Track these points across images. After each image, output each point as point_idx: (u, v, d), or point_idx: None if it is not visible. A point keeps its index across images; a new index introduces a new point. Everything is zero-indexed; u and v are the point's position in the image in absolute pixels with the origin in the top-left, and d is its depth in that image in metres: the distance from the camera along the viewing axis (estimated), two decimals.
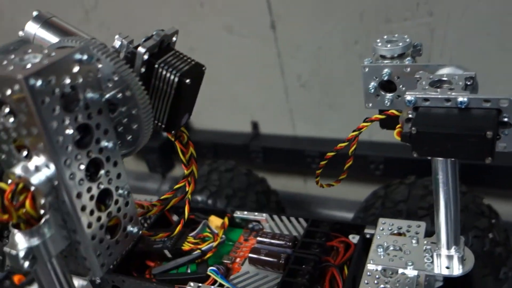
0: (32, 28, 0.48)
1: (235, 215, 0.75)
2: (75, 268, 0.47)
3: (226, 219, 0.73)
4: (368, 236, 0.67)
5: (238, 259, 0.69)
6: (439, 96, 0.47)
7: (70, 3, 1.45)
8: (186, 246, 0.69)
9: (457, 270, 0.57)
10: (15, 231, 0.41)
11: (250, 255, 0.65)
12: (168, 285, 0.64)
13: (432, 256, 0.58)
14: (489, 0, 0.96)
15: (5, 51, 0.45)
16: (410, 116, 0.49)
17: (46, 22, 0.48)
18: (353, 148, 0.59)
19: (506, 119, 0.45)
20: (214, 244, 0.68)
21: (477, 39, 1.01)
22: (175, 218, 0.78)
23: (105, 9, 1.44)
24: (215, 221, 0.74)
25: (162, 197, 0.58)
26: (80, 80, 0.39)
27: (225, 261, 0.68)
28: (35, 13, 0.49)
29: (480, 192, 0.99)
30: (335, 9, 1.12)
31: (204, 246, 0.68)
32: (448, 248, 0.57)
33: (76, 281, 0.66)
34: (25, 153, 0.41)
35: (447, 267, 0.57)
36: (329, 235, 0.67)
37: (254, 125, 1.39)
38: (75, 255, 0.45)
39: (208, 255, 0.68)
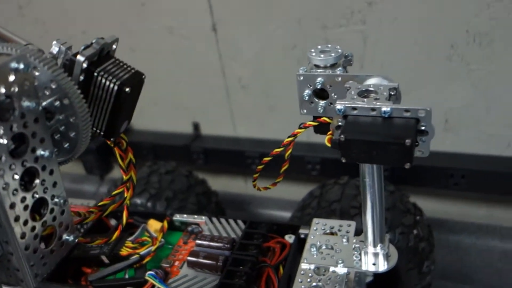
0: None
1: (174, 218, 0.75)
2: (7, 280, 0.46)
3: (165, 223, 0.73)
4: (302, 236, 0.70)
5: (177, 262, 0.69)
6: (365, 106, 0.50)
7: None
8: (124, 251, 0.68)
9: (382, 266, 0.61)
10: None
11: (189, 258, 0.66)
12: None
13: (360, 254, 0.62)
14: (416, 12, 1.03)
15: None
16: (340, 123, 0.52)
17: None
18: (288, 152, 0.61)
19: (423, 128, 0.49)
20: (153, 248, 0.68)
21: (405, 47, 1.08)
22: (113, 222, 0.77)
23: (40, 4, 1.39)
24: (154, 225, 0.74)
25: (100, 204, 0.58)
26: (16, 89, 0.39)
27: (164, 264, 0.68)
28: None
29: (406, 190, 1.06)
30: (274, 14, 1.15)
31: (143, 251, 0.68)
32: (375, 246, 0.61)
33: None
34: None
35: (374, 264, 0.61)
36: (266, 236, 0.70)
37: (195, 126, 1.40)
38: (7, 266, 0.44)
39: (146, 260, 0.68)
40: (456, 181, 1.10)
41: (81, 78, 0.47)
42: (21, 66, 0.38)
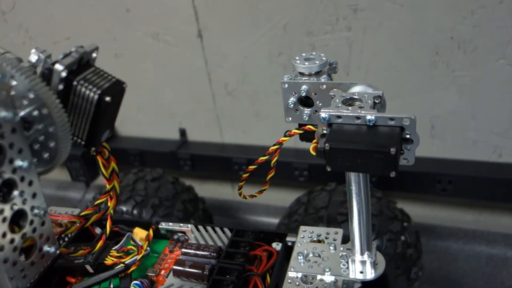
0: None
1: (160, 226, 0.74)
2: None
3: (150, 231, 0.72)
4: (289, 244, 0.69)
5: (163, 271, 0.69)
6: (350, 114, 0.50)
7: None
8: (109, 260, 0.67)
9: (370, 274, 0.61)
10: None
11: (175, 267, 0.66)
12: None
13: (347, 262, 0.62)
14: (401, 19, 1.04)
15: None
16: (324, 132, 0.52)
17: None
18: (274, 160, 0.61)
19: (408, 136, 0.49)
20: (138, 257, 0.67)
21: (390, 54, 1.08)
22: (98, 230, 0.77)
23: (23, 10, 1.37)
24: (139, 233, 0.73)
25: (82, 214, 0.57)
26: None
27: (150, 273, 0.68)
28: None
29: (394, 196, 1.06)
30: (260, 20, 1.15)
31: (128, 260, 0.67)
32: (362, 254, 0.60)
33: None
34: None
35: (361, 272, 0.61)
36: (253, 244, 0.69)
37: (182, 132, 1.39)
38: None
39: (131, 269, 0.67)
40: (443, 187, 1.11)
41: (60, 87, 0.46)
42: None
